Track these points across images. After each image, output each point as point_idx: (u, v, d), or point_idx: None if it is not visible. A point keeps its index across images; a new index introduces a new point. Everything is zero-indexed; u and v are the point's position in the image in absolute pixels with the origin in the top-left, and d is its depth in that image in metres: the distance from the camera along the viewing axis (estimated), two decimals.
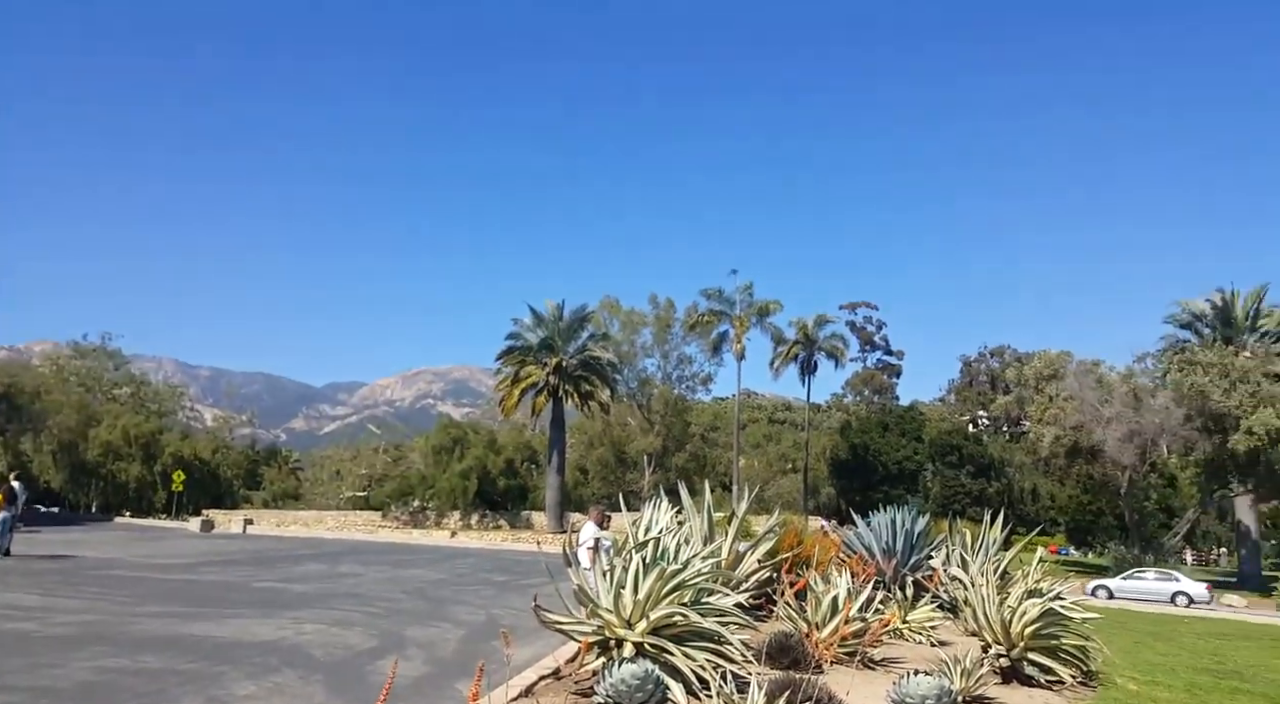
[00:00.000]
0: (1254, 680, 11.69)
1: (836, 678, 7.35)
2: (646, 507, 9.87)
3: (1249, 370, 34.06)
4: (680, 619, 6.61)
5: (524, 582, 18.27)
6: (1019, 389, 41.57)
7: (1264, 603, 28.41)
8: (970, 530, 13.68)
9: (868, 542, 13.03)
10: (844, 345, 62.30)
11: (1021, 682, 8.93)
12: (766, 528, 11.47)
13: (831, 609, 8.93)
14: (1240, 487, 36.44)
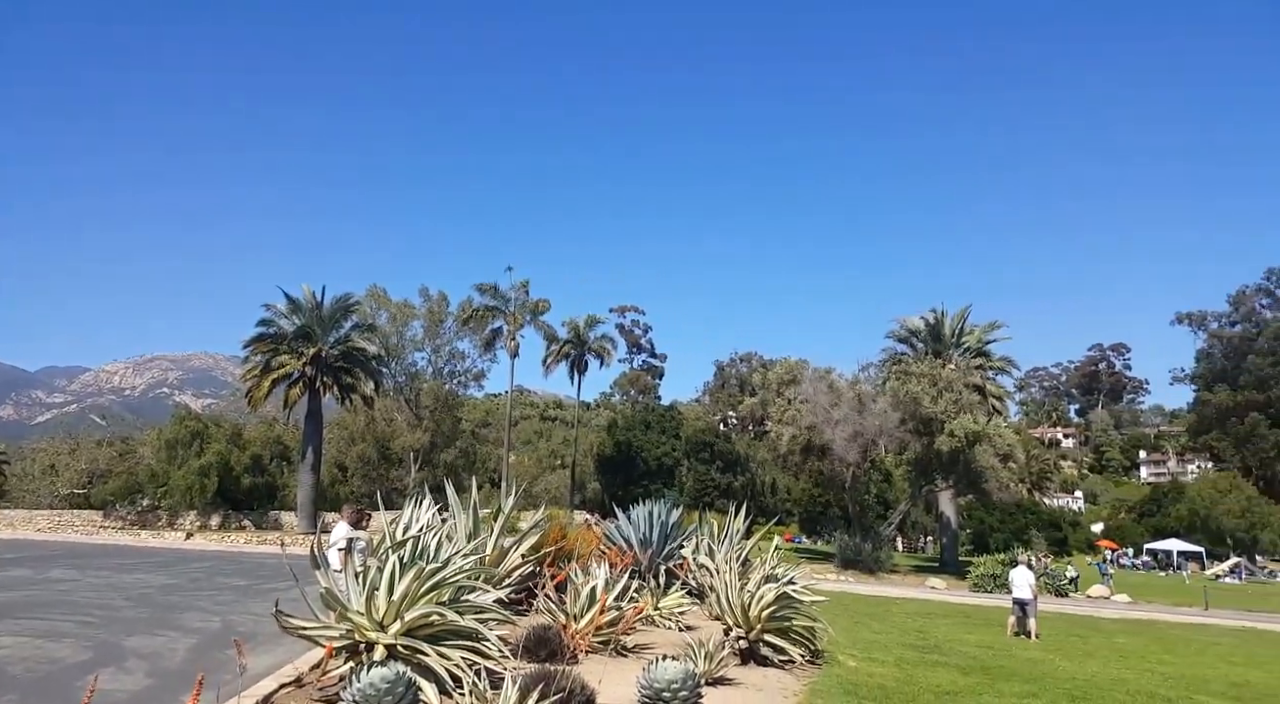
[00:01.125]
0: (949, 653, 13.58)
1: (591, 667, 7.59)
2: (408, 504, 9.59)
3: (953, 381, 39.39)
4: (437, 619, 6.52)
5: (267, 586, 17.01)
6: (763, 392, 45.08)
7: (961, 585, 32.88)
8: (718, 521, 14.65)
9: (626, 534, 13.54)
10: (612, 347, 64.09)
11: (758, 662, 9.73)
12: (531, 523, 11.57)
13: (589, 600, 9.20)
14: (943, 482, 42.00)
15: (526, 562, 10.74)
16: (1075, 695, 10.22)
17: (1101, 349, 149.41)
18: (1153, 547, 68.23)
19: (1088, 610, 26.04)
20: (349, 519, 10.62)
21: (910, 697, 9.12)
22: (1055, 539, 65.07)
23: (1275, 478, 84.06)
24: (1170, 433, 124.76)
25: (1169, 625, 22.37)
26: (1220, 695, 11.16)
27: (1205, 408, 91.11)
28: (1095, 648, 16.00)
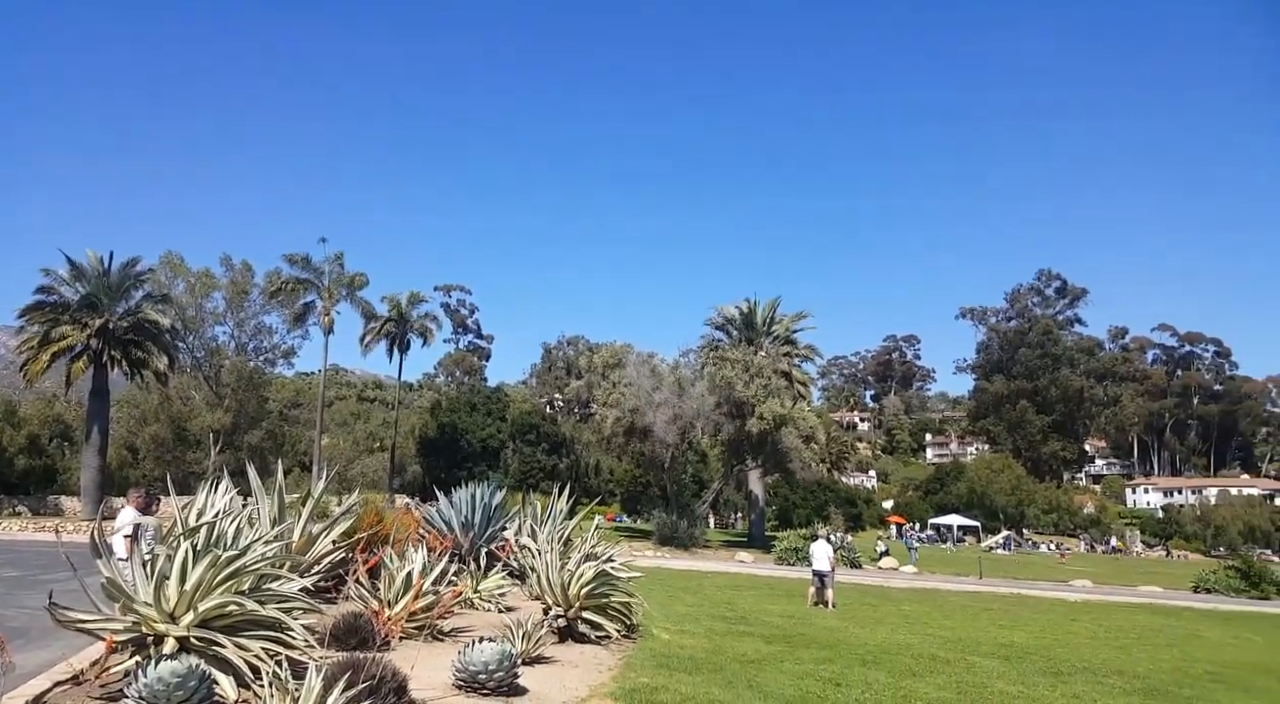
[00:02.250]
0: (755, 623, 14.36)
1: (405, 653, 7.39)
2: (203, 488, 8.90)
3: (763, 367, 41.57)
4: (235, 608, 6.10)
5: (44, 576, 15.28)
6: (589, 375, 45.66)
7: (767, 558, 34.83)
8: (542, 502, 14.66)
9: (447, 517, 13.27)
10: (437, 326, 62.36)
11: (576, 639, 9.86)
12: (344, 508, 11.08)
13: (405, 585, 8.94)
14: (753, 462, 44.31)
15: (338, 548, 10.28)
16: (866, 660, 11.13)
17: (895, 340, 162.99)
18: (936, 521, 75.37)
19: (879, 581, 28.41)
20: (136, 504, 9.71)
21: (718, 666, 9.58)
22: (851, 515, 70.50)
23: (1041, 459, 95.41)
24: (953, 418, 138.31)
25: (949, 593, 24.83)
26: (990, 655, 12.53)
27: (983, 395, 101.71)
28: (885, 615, 17.50)
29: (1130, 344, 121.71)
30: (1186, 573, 37.46)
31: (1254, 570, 30.73)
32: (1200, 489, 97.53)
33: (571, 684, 7.70)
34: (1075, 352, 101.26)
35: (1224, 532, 75.53)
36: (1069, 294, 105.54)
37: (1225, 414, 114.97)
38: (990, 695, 9.21)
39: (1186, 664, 12.90)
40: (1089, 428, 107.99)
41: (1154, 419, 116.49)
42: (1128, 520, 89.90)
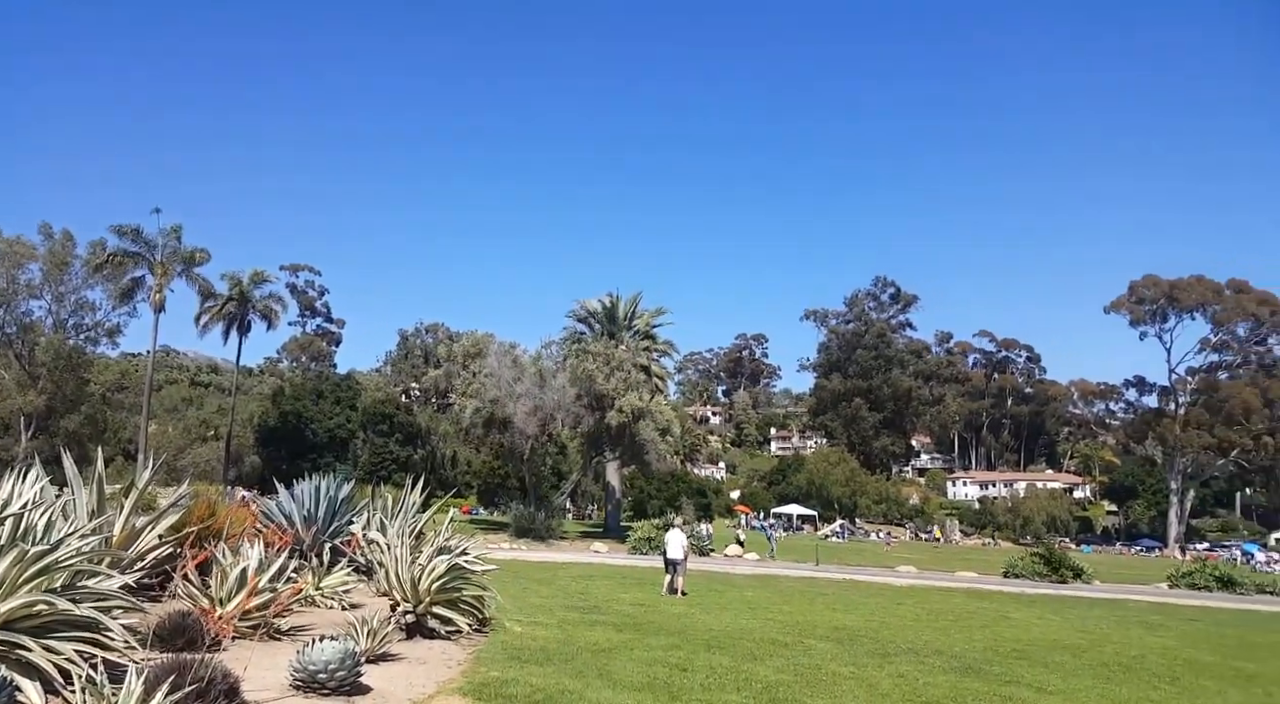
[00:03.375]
0: (607, 612, 14.54)
1: (238, 654, 7.00)
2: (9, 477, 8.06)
3: (624, 361, 42.10)
4: (44, 608, 5.58)
5: None
6: (448, 364, 44.68)
7: (621, 548, 35.31)
8: (393, 495, 14.20)
9: (288, 510, 12.62)
10: (282, 307, 59.19)
11: (425, 635, 9.65)
12: (172, 499, 10.32)
13: (239, 582, 8.46)
14: (611, 454, 44.82)
15: (165, 543, 9.56)
16: (711, 645, 11.53)
17: (745, 338, 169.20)
18: (778, 511, 78.89)
19: (724, 568, 29.44)
20: None
21: (569, 656, 9.65)
22: (701, 505, 72.62)
23: (873, 453, 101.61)
24: (796, 413, 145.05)
25: (788, 580, 26.06)
26: (824, 638, 13.26)
27: (823, 393, 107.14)
28: (729, 601, 18.16)
29: (954, 348, 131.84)
30: (999, 560, 41.02)
31: (1055, 557, 34.02)
32: (1011, 483, 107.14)
33: (419, 681, 7.55)
34: (906, 354, 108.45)
35: (1030, 522, 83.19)
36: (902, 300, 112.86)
37: (1034, 414, 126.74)
38: (824, 677, 9.76)
39: (996, 643, 14.14)
40: (916, 425, 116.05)
41: (973, 417, 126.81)
42: (948, 511, 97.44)
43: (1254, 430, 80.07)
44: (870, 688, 9.27)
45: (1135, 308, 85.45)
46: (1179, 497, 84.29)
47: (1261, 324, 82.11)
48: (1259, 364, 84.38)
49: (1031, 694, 9.66)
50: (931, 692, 9.32)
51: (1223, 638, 17.02)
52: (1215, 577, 32.09)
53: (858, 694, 8.84)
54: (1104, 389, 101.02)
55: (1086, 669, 11.85)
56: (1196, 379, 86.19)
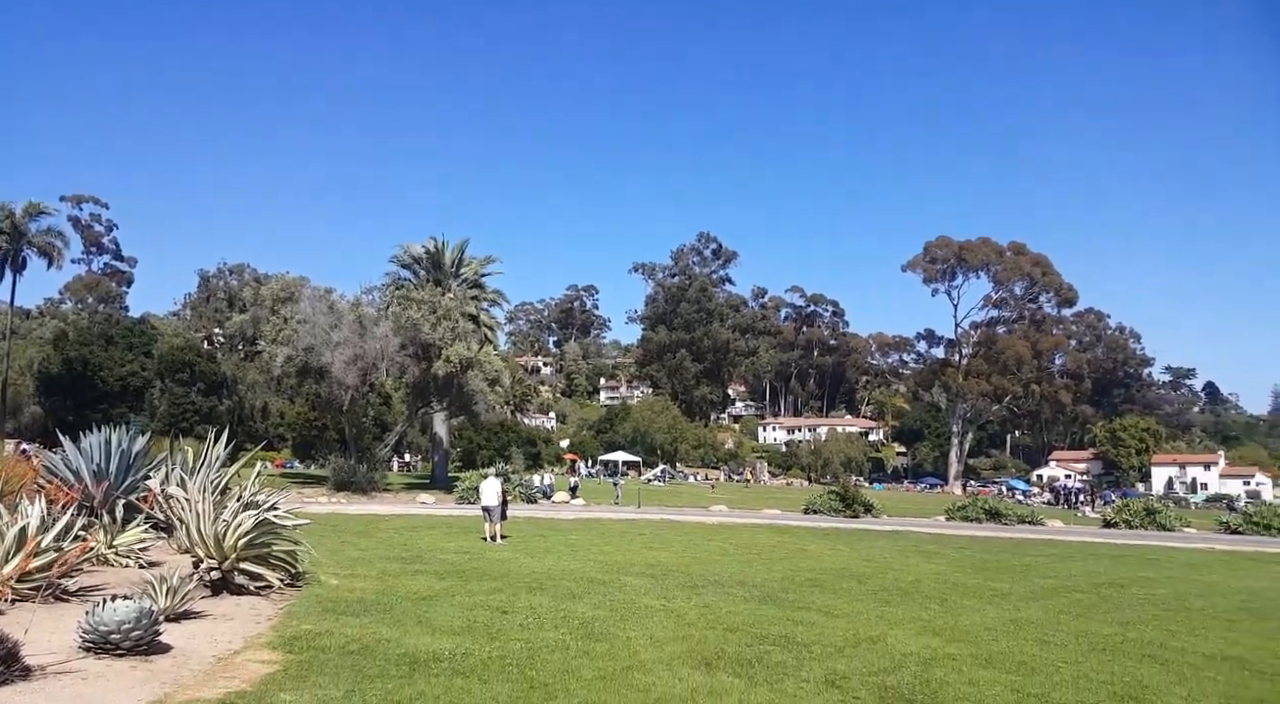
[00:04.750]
0: (430, 561, 14.52)
1: (18, 616, 6.52)
2: None
3: (451, 309, 41.17)
4: None
5: None
6: (256, 308, 41.57)
7: (449, 499, 34.94)
8: (195, 448, 13.37)
9: (76, 465, 11.61)
10: (64, 243, 53.00)
11: (232, 591, 9.31)
12: None
13: (17, 542, 7.79)
14: (438, 405, 43.96)
15: None
16: (532, 587, 11.88)
17: (577, 289, 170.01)
18: (605, 458, 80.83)
19: (550, 513, 30.02)
20: None
21: (388, 606, 9.65)
22: (531, 454, 73.12)
23: (693, 401, 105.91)
24: (624, 364, 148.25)
25: (611, 522, 26.97)
26: (640, 574, 13.97)
27: (649, 344, 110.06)
28: (553, 545, 18.64)
29: (768, 303, 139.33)
30: (801, 498, 44.35)
31: (849, 494, 37.22)
32: (815, 427, 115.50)
33: (224, 637, 7.33)
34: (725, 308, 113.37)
35: (830, 463, 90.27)
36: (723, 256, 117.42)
37: (837, 365, 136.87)
38: (638, 610, 10.37)
39: (793, 573, 15.47)
40: (733, 375, 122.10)
41: (784, 367, 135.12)
42: (759, 454, 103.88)
43: (1024, 379, 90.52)
44: (678, 618, 9.95)
45: (929, 267, 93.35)
46: (959, 439, 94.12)
47: (1035, 283, 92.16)
48: (1031, 319, 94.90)
49: (820, 618, 10.71)
50: (733, 619, 10.14)
51: (985, 563, 19.47)
52: (984, 510, 36.26)
53: (666, 625, 9.48)
54: (898, 341, 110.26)
55: (869, 594, 13.25)
56: (978, 332, 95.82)
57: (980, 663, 8.47)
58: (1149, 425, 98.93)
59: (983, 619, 11.37)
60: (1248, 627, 11.77)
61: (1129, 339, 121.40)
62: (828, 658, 8.26)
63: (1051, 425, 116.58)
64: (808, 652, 8.48)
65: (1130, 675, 8.28)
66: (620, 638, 8.59)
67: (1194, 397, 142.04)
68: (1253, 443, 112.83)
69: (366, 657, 7.14)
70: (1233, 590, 16.09)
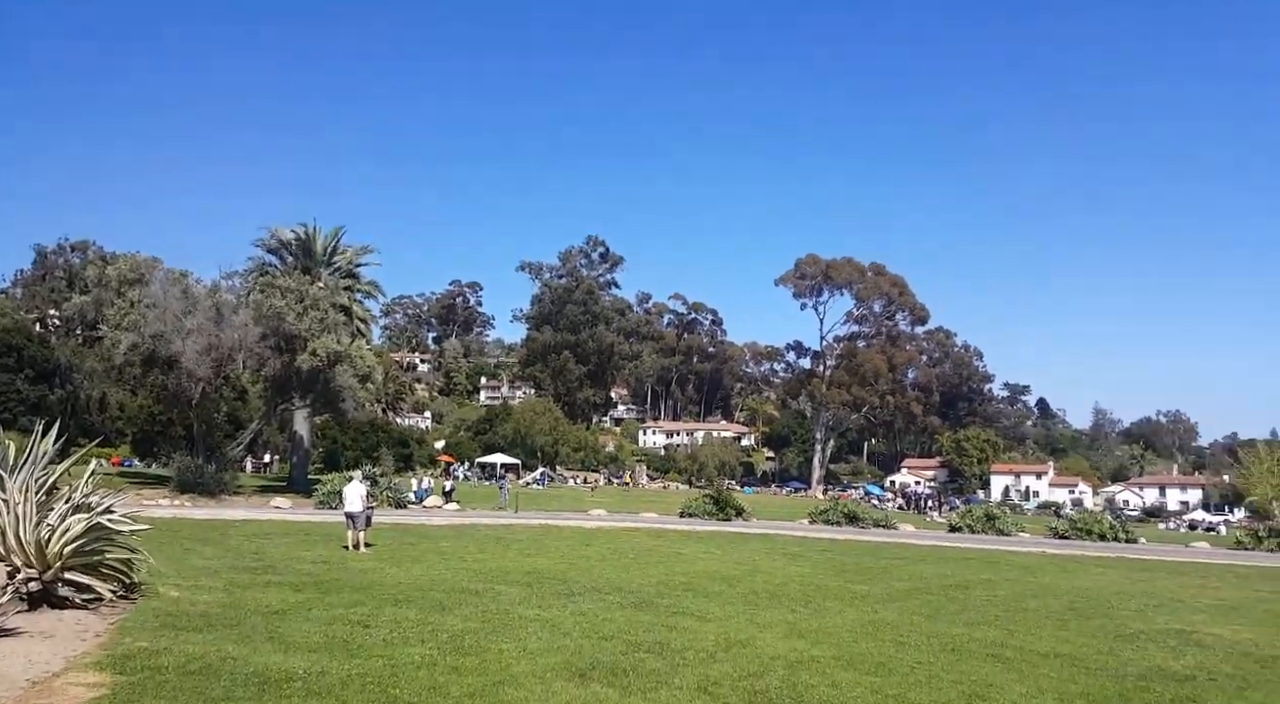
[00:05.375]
0: (284, 572, 13.65)
1: None
2: None
3: (320, 299, 39.18)
4: None
5: None
6: (99, 290, 38.02)
7: (308, 503, 33.09)
8: (19, 442, 12.03)
9: None
10: None
11: (55, 605, 8.41)
12: None
13: None
14: (301, 401, 41.75)
15: None
16: (398, 599, 11.35)
17: (460, 285, 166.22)
18: (483, 460, 79.31)
19: (422, 520, 29.03)
20: None
21: (235, 621, 8.96)
22: (403, 455, 70.74)
23: (576, 404, 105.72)
24: (507, 363, 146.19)
25: (487, 528, 26.33)
26: (515, 583, 13.64)
27: (533, 344, 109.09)
28: (423, 553, 17.97)
29: (653, 308, 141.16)
30: (677, 501, 44.93)
31: (722, 498, 38.02)
32: (692, 432, 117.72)
33: (43, 657, 6.57)
34: (611, 311, 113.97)
35: (705, 466, 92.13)
36: (610, 260, 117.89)
37: (715, 371, 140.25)
38: (512, 621, 10.07)
39: (669, 577, 15.54)
40: (616, 378, 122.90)
41: (665, 373, 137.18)
42: (638, 457, 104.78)
43: (881, 391, 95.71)
44: (553, 628, 9.74)
45: (799, 282, 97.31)
46: (822, 445, 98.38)
47: (892, 302, 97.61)
48: (888, 336, 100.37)
49: (693, 623, 10.75)
50: (608, 626, 10.02)
51: (845, 566, 20.23)
52: (844, 513, 37.85)
53: (541, 635, 9.24)
54: (770, 351, 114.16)
55: (740, 598, 13.46)
56: (841, 346, 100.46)
57: (843, 665, 8.70)
58: (989, 437, 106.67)
59: (844, 621, 11.74)
60: (1076, 626, 12.67)
61: (973, 357, 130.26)
62: (700, 664, 8.27)
63: (904, 434, 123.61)
64: (681, 658, 8.46)
65: (977, 674, 8.71)
66: (492, 651, 8.30)
67: (1028, 411, 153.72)
68: (1077, 455, 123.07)
69: (209, 677, 6.56)
70: (1062, 591, 17.35)
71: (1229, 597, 17.84)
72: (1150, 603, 15.97)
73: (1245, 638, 12.19)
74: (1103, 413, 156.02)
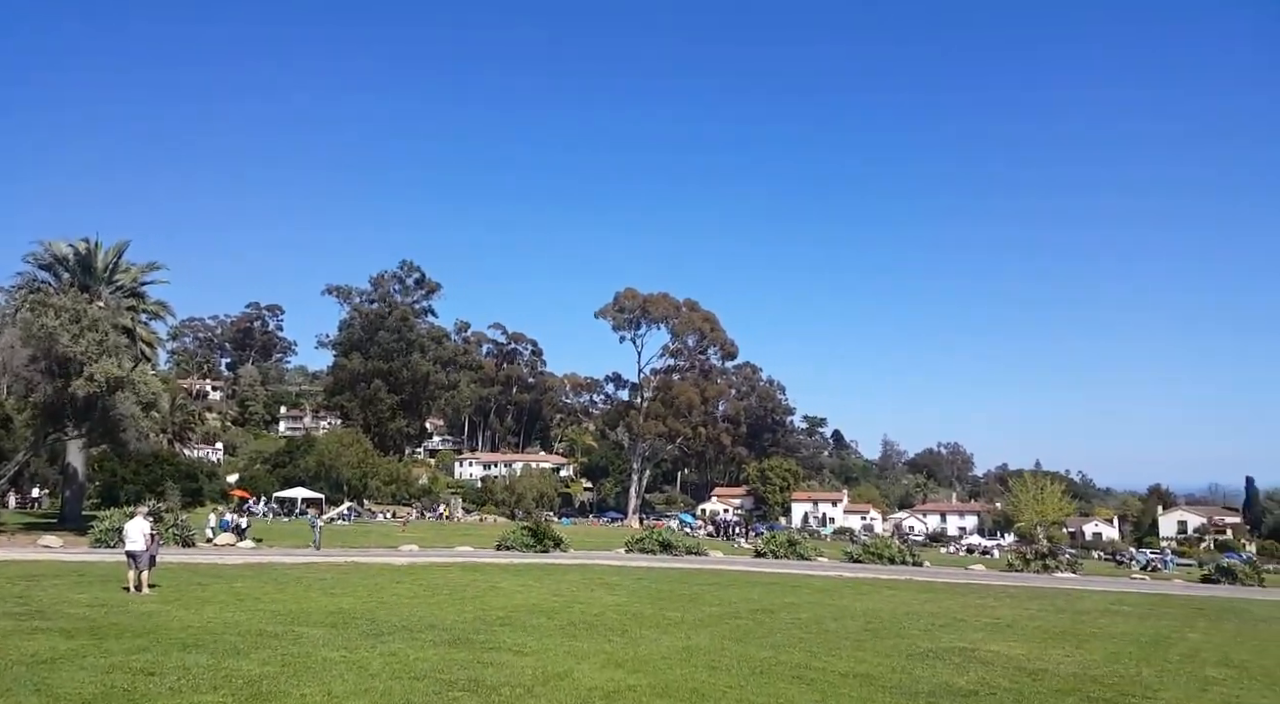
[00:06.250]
0: (54, 617, 12.23)
1: None
2: None
3: (99, 319, 35.49)
4: None
5: None
6: None
7: (82, 541, 29.61)
8: None
9: None
10: None
11: None
12: None
13: None
14: (76, 430, 37.43)
15: None
16: (187, 643, 10.47)
17: (259, 308, 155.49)
18: (281, 495, 74.06)
19: (213, 558, 26.75)
20: None
21: None
22: (190, 490, 64.69)
23: (388, 435, 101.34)
24: (310, 392, 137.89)
25: (286, 567, 24.66)
26: (318, 624, 12.92)
27: (341, 372, 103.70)
28: (214, 594, 16.60)
29: (471, 337, 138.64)
30: (494, 533, 44.15)
31: (540, 530, 37.81)
32: (511, 463, 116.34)
33: None
34: (426, 339, 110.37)
35: (524, 498, 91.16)
36: (426, 287, 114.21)
37: (534, 402, 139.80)
38: (315, 664, 9.58)
39: (485, 612, 15.31)
40: (431, 408, 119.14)
41: (483, 403, 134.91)
42: (454, 489, 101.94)
43: (694, 422, 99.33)
44: (361, 669, 9.36)
45: (617, 315, 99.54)
46: (639, 475, 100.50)
47: (704, 337, 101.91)
48: (700, 369, 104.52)
49: (510, 657, 10.70)
50: (421, 665, 9.76)
51: (660, 593, 20.78)
52: (658, 541, 38.79)
53: (347, 678, 8.87)
54: (589, 382, 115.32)
55: (558, 629, 13.51)
56: (657, 378, 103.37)
57: (658, 692, 8.98)
58: (790, 467, 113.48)
59: (659, 648, 12.10)
60: (872, 646, 13.78)
61: (776, 391, 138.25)
62: (517, 699, 8.27)
63: (714, 464, 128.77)
64: (497, 695, 8.41)
65: (784, 696, 9.28)
66: (293, 696, 7.88)
67: (825, 442, 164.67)
68: (868, 484, 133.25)
69: None
70: (859, 613, 18.78)
71: (1003, 615, 20.01)
72: (936, 622, 17.60)
73: (1019, 653, 13.73)
74: (890, 444, 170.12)
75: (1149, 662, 13.55)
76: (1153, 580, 41.30)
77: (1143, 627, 19.11)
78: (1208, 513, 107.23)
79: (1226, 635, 18.48)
